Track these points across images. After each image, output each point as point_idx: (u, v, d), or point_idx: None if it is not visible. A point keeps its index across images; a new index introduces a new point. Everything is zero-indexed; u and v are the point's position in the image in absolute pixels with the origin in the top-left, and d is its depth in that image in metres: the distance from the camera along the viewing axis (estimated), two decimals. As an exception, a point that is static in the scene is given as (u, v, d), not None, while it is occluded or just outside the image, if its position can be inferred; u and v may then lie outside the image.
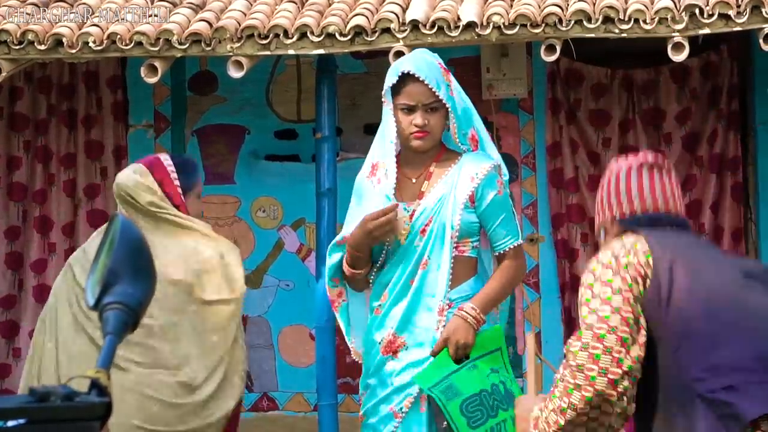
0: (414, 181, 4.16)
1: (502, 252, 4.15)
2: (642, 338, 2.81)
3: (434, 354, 4.04)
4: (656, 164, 3.06)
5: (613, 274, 2.85)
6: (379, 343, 4.14)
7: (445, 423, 3.98)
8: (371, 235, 4.04)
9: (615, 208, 3.03)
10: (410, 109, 4.06)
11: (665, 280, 2.84)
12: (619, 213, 3.02)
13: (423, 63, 4.11)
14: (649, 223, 2.97)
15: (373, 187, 4.15)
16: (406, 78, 4.07)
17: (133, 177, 4.30)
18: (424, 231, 4.09)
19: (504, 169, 4.23)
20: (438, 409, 3.98)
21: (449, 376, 4.02)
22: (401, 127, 4.09)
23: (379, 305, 4.17)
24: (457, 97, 4.15)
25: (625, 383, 2.78)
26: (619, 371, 2.77)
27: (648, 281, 2.84)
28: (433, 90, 4.04)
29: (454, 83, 4.18)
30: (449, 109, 4.08)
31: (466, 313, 4.04)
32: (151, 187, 4.26)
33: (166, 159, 4.37)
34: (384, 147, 4.15)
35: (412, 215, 4.10)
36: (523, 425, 2.97)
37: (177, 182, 4.28)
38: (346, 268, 4.17)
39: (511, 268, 4.15)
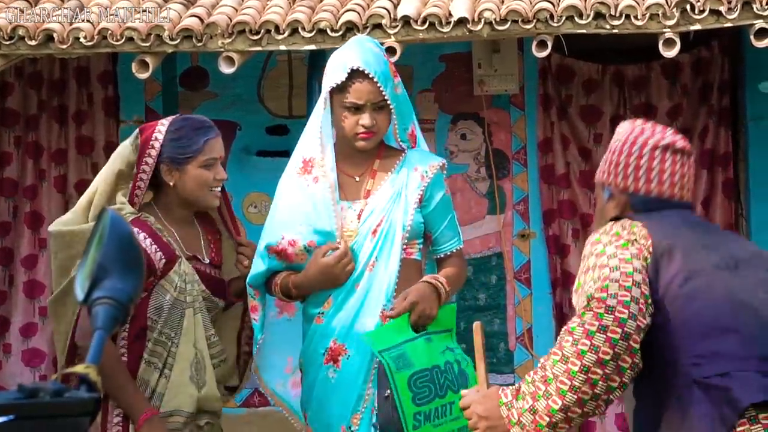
0: (357, 179, 3.87)
1: (448, 253, 3.91)
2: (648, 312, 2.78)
3: (393, 316, 3.73)
4: (684, 151, 3.02)
5: (624, 244, 2.83)
6: (323, 354, 3.81)
7: (388, 392, 3.67)
8: (328, 277, 3.76)
9: (630, 181, 3.00)
10: (357, 108, 3.77)
11: (663, 264, 2.83)
12: (634, 188, 3.00)
13: (371, 57, 3.79)
14: (658, 208, 2.96)
15: (307, 186, 3.85)
16: (353, 74, 3.76)
17: (124, 143, 3.92)
18: (375, 232, 3.80)
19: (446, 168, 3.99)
20: (385, 375, 3.67)
21: (404, 343, 3.70)
22: (345, 125, 3.79)
23: (321, 313, 3.83)
24: (401, 91, 3.86)
25: (640, 338, 2.74)
26: (645, 321, 2.73)
27: (648, 263, 2.83)
28: (381, 89, 3.75)
29: (398, 77, 3.88)
30: (393, 108, 3.82)
31: (440, 283, 3.79)
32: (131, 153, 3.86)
33: (163, 124, 3.89)
34: (317, 142, 3.85)
35: (359, 215, 3.82)
36: (482, 421, 2.89)
37: (154, 150, 3.81)
38: (279, 296, 3.86)
39: (460, 266, 3.93)
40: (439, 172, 3.88)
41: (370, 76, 3.74)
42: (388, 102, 3.78)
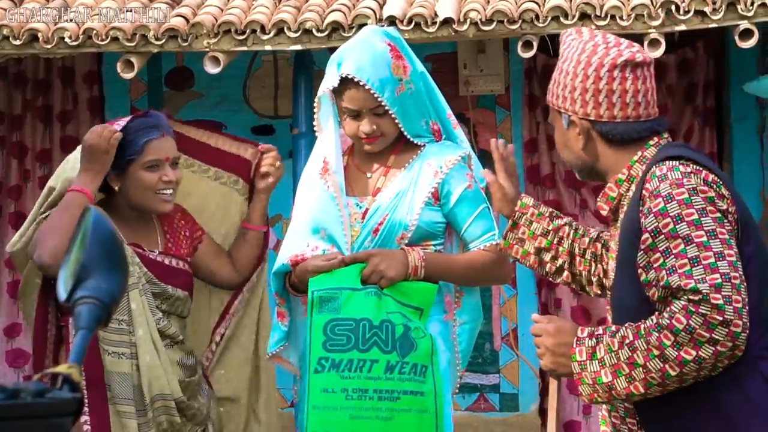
0: (369, 176, 3.69)
1: (477, 249, 3.63)
2: None
3: (347, 262, 3.53)
4: (644, 63, 2.71)
5: (720, 219, 2.51)
6: None
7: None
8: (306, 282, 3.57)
9: (590, 108, 2.69)
10: (356, 114, 3.58)
11: (744, 240, 2.56)
12: (595, 114, 2.69)
13: (366, 60, 3.54)
14: (631, 134, 2.68)
15: (327, 188, 3.63)
16: (345, 81, 3.54)
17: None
18: (376, 231, 3.60)
19: (474, 159, 3.73)
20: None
21: (342, 289, 3.50)
22: (346, 130, 3.63)
23: None
24: (408, 89, 3.60)
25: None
26: (747, 324, 2.45)
27: (737, 236, 2.55)
28: (377, 96, 3.53)
29: (408, 72, 3.61)
30: (394, 113, 3.58)
31: (413, 254, 3.56)
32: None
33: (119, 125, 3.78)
34: (332, 143, 3.66)
35: (364, 214, 3.62)
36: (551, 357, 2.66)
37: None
38: (289, 290, 3.72)
39: (485, 257, 3.62)
40: (458, 164, 3.64)
41: (361, 83, 3.52)
42: (387, 108, 3.56)
